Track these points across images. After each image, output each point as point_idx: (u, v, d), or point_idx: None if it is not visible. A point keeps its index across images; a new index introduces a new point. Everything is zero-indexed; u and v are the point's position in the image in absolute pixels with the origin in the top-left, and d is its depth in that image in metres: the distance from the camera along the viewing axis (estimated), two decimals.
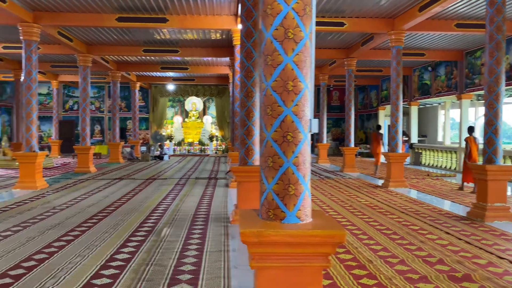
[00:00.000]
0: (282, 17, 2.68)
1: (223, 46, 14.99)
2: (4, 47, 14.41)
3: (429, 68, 18.10)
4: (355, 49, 14.26)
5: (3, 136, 21.36)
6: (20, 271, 4.51)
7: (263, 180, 2.78)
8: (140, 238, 5.87)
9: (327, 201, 9.03)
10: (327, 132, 23.97)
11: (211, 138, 26.44)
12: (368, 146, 23.69)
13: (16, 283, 4.15)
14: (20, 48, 14.00)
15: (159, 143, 23.47)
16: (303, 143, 2.72)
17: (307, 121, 2.76)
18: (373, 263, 4.85)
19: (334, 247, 2.65)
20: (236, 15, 10.80)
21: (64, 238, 5.86)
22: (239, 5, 9.53)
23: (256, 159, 6.92)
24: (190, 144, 26.33)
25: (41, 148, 19.88)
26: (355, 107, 27.67)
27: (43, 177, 11.48)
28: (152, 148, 23.46)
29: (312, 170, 15.63)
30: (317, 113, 27.19)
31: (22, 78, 18.72)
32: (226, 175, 14.04)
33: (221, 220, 7.09)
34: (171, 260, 4.92)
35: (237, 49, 10.99)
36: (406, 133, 15.03)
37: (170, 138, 26.09)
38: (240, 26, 10.13)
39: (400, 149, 11.22)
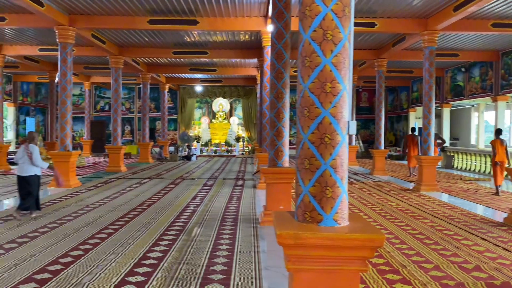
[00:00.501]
0: (320, 19, 2.67)
1: (252, 48, 15.05)
2: (40, 50, 14.91)
3: (463, 69, 17.61)
4: (386, 50, 14.03)
5: (38, 136, 22.07)
6: (58, 266, 4.65)
7: (300, 182, 2.76)
8: (171, 237, 5.95)
9: (357, 204, 8.91)
10: (356, 134, 23.69)
11: (237, 139, 26.57)
12: (398, 148, 23.26)
13: (54, 278, 4.28)
14: (55, 50, 14.50)
15: (186, 144, 23.76)
16: (341, 145, 2.69)
17: (345, 123, 2.73)
18: (406, 268, 4.75)
19: (372, 251, 2.60)
20: (265, 16, 10.81)
21: (98, 236, 6.00)
22: (269, 7, 9.56)
23: (286, 161, 6.90)
24: (217, 145, 26.54)
25: (74, 148, 20.46)
26: (385, 108, 27.28)
27: (76, 175, 11.81)
28: (180, 149, 23.78)
29: None
30: None
31: (57, 79, 19.34)
32: (254, 176, 14.07)
33: (250, 221, 7.11)
34: (202, 259, 4.96)
35: (266, 51, 11.02)
36: (440, 136, 14.63)
37: (197, 138, 26.38)
38: (270, 28, 10.15)
39: (433, 152, 10.96)
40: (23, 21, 10.86)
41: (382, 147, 15.07)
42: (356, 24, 10.93)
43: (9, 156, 19.18)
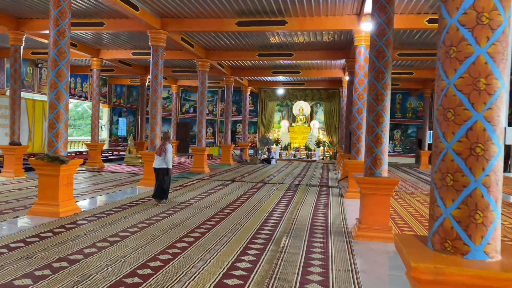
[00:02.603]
0: None
1: (338, 49, 14.42)
2: (133, 53, 15.64)
3: None
4: None
5: (129, 136, 23.39)
6: (147, 271, 4.53)
7: (438, 202, 2.23)
8: (259, 246, 5.63)
9: None
10: None
11: (318, 144, 25.88)
12: None
13: (144, 284, 4.14)
14: (147, 54, 15.14)
15: (266, 147, 23.65)
16: (497, 158, 2.12)
17: (502, 129, 2.15)
18: None
19: None
20: (358, 14, 10.17)
21: (185, 239, 5.87)
22: (364, 4, 8.94)
23: (384, 170, 6.26)
24: (296, 149, 26.10)
25: None
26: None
27: None
28: (259, 152, 23.72)
29: None
30: None
31: (148, 82, 20.21)
32: (338, 183, 13.41)
33: (342, 234, 6.56)
34: (295, 275, 4.55)
35: (358, 50, 10.36)
36: None
37: (277, 142, 26.16)
38: (365, 26, 9.53)
39: None
40: (119, 25, 11.37)
41: None
42: None
43: (103, 154, 20.52)
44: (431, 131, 25.75)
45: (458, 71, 2.15)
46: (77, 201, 7.99)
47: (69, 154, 18.69)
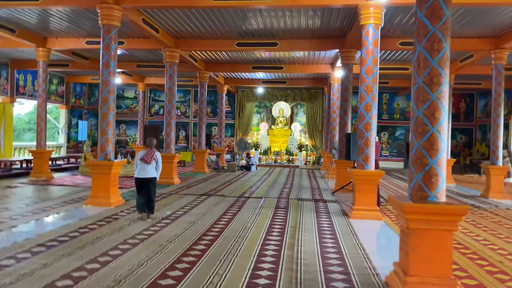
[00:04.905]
0: None
1: (330, 37, 12.30)
2: (87, 42, 13.08)
3: None
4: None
5: (87, 141, 20.67)
6: None
7: None
8: None
9: (508, 248, 5.85)
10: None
11: (300, 148, 23.76)
12: None
13: None
14: None
15: (245, 151, 21.34)
16: None
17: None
18: None
19: None
20: None
21: None
22: None
23: (442, 192, 4.08)
24: (277, 153, 23.90)
25: (126, 154, 18.73)
26: (474, 115, 23.31)
27: (120, 189, 9.64)
28: (237, 157, 21.41)
29: None
30: None
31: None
32: (333, 195, 11.29)
33: (374, 287, 4.33)
34: None
35: (366, 31, 8.27)
36: None
37: (256, 146, 23.90)
38: None
39: None
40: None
41: (501, 163, 11.69)
42: None
43: (57, 162, 17.76)
44: None
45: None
46: None
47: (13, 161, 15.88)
